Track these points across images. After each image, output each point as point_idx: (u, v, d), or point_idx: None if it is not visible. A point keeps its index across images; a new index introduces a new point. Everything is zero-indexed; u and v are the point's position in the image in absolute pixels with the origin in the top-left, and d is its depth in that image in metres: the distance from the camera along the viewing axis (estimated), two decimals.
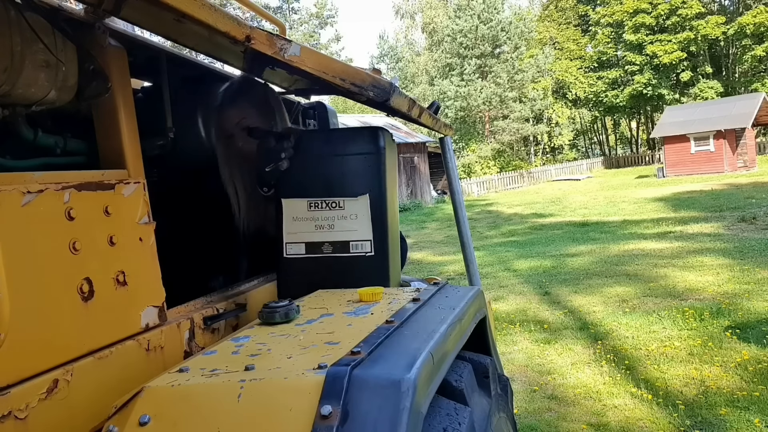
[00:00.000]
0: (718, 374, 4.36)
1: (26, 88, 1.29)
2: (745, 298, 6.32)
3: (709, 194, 17.99)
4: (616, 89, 39.51)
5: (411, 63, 47.45)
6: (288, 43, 1.57)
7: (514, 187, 32.19)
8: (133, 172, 1.51)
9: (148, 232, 1.51)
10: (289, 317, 1.46)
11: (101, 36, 1.48)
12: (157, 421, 1.04)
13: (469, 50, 38.86)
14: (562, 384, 4.52)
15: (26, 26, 1.25)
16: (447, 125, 3.03)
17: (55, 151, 1.50)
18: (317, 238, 1.88)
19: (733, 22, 35.89)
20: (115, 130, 1.50)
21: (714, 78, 38.01)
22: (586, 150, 49.25)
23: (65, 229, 1.25)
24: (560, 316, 6.44)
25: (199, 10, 1.25)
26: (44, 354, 1.18)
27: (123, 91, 1.51)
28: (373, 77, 1.72)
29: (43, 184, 1.21)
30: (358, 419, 0.98)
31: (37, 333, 1.17)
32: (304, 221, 1.89)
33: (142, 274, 1.47)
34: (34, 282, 1.17)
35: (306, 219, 1.89)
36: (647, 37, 36.88)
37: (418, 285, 2.28)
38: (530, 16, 43.64)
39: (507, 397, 1.72)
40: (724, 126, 26.18)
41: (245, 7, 2.28)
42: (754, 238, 9.88)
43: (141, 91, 2.16)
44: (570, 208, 18.89)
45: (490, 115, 39.12)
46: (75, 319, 1.25)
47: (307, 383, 1.04)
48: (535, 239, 13.09)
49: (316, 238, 1.89)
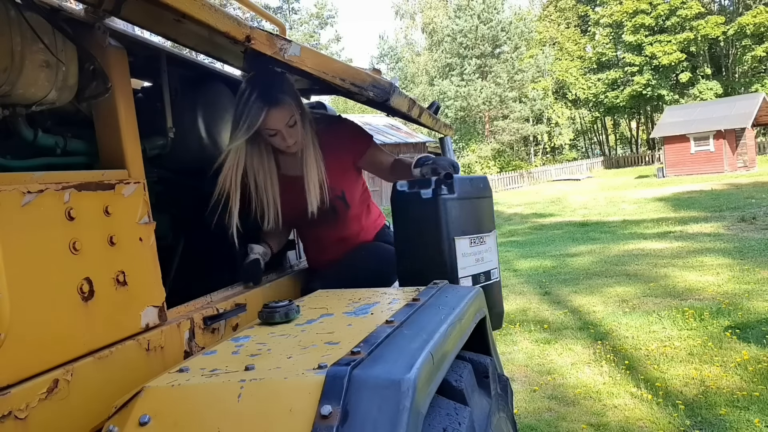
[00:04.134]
0: (718, 374, 4.36)
1: (26, 88, 1.29)
2: (745, 298, 6.32)
3: (709, 194, 18.00)
4: (615, 90, 39.51)
5: (411, 63, 47.48)
6: (288, 43, 1.57)
7: (514, 187, 32.19)
8: (133, 172, 1.51)
9: (148, 232, 1.51)
10: (289, 317, 1.46)
11: (101, 36, 1.48)
12: (157, 421, 1.04)
13: (469, 50, 38.88)
14: (562, 384, 4.52)
15: (26, 26, 1.25)
16: (447, 125, 3.03)
17: (55, 151, 1.50)
18: (476, 270, 2.12)
19: (732, 22, 35.90)
20: (115, 130, 1.50)
21: (714, 78, 38.01)
22: (586, 150, 49.27)
23: (65, 229, 1.25)
24: (560, 316, 6.44)
25: (199, 10, 1.25)
26: (44, 354, 1.18)
27: (123, 91, 1.51)
28: (373, 77, 1.72)
29: (43, 184, 1.21)
30: (358, 419, 0.98)
31: (37, 333, 1.17)
32: (468, 257, 2.09)
33: (142, 274, 1.47)
34: (34, 282, 1.17)
35: (469, 254, 2.10)
36: (647, 38, 36.88)
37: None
38: (530, 17, 43.67)
39: (507, 397, 1.73)
40: (724, 126, 26.19)
41: (245, 7, 2.28)
42: (754, 238, 9.88)
43: (141, 91, 2.16)
44: (570, 208, 18.90)
45: (490, 115, 39.14)
46: (75, 319, 1.26)
47: (307, 383, 1.04)
48: (535, 239, 13.09)
49: (476, 270, 2.12)
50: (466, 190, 2.07)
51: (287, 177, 2.18)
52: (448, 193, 2.00)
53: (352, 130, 2.30)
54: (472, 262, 2.09)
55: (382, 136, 25.70)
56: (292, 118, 2.01)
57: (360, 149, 2.28)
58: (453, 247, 2.03)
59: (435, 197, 2.00)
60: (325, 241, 2.34)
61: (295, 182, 2.15)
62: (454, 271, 2.01)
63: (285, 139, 2.04)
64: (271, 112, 1.95)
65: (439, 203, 2.00)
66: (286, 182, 2.17)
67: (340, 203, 2.23)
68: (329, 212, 2.20)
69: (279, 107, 1.96)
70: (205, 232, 2.11)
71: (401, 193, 2.07)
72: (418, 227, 2.05)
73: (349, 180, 2.27)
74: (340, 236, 2.32)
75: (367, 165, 2.32)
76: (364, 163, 2.31)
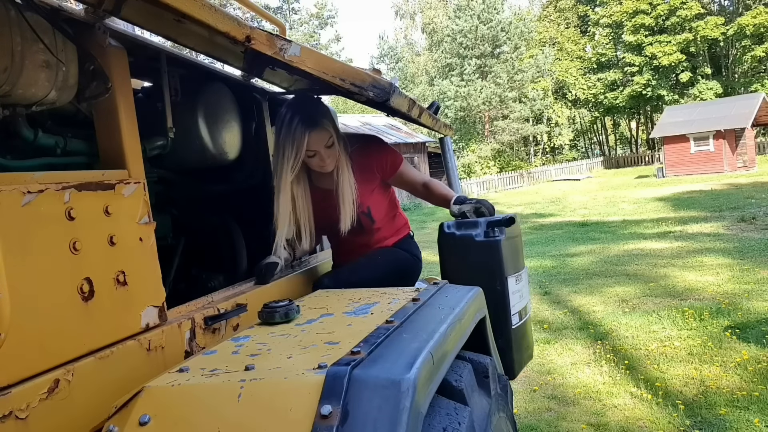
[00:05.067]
0: (717, 374, 4.37)
1: (26, 88, 1.29)
2: (745, 298, 6.32)
3: (709, 194, 18.00)
4: (615, 90, 39.51)
5: (411, 63, 47.48)
6: (288, 44, 1.57)
7: (514, 187, 32.19)
8: (134, 172, 1.51)
9: (148, 232, 1.51)
10: (289, 317, 1.46)
11: (101, 36, 1.48)
12: (157, 421, 1.05)
13: (469, 50, 38.88)
14: (561, 384, 4.52)
15: (26, 26, 1.26)
16: (447, 125, 3.04)
17: (55, 151, 1.50)
18: (520, 306, 2.20)
19: (732, 22, 35.90)
20: (115, 130, 1.50)
21: (713, 78, 37.99)
22: (586, 150, 49.26)
23: (65, 229, 1.25)
24: (560, 315, 6.44)
25: (199, 10, 1.25)
26: (45, 354, 1.18)
27: (123, 91, 1.51)
28: (373, 77, 1.72)
29: (43, 184, 1.21)
30: (358, 419, 0.99)
31: (38, 333, 1.17)
32: (515, 294, 2.17)
33: (142, 274, 1.47)
34: (34, 282, 1.17)
35: (515, 292, 2.18)
36: (647, 38, 36.87)
37: (418, 285, 2.29)
38: (530, 17, 43.66)
39: (507, 396, 1.73)
40: (724, 126, 26.18)
41: (245, 8, 2.29)
42: (753, 238, 9.88)
43: (141, 91, 2.17)
44: (570, 208, 18.90)
45: (490, 115, 39.14)
46: (75, 319, 1.26)
47: (307, 383, 1.04)
48: (535, 239, 13.09)
49: (519, 306, 2.20)
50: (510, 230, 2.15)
51: (319, 189, 2.28)
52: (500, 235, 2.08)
53: (382, 150, 2.38)
54: (517, 299, 2.17)
55: (382, 136, 25.67)
56: (330, 139, 2.12)
57: (390, 169, 2.36)
58: (505, 285, 2.12)
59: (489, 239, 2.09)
60: (347, 246, 2.41)
61: (327, 195, 2.24)
62: (507, 308, 2.10)
63: (323, 160, 2.15)
64: (312, 135, 2.07)
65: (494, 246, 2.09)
66: (318, 194, 2.27)
67: (366, 219, 2.32)
68: (355, 224, 2.28)
69: (318, 129, 2.08)
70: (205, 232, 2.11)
71: (450, 234, 2.16)
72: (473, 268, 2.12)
73: (375, 197, 2.34)
74: (362, 242, 2.39)
75: (398, 183, 2.42)
76: (394, 180, 2.41)
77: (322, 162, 2.15)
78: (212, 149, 2.14)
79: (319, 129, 2.08)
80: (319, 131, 2.08)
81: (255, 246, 2.34)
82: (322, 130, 2.09)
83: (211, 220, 2.38)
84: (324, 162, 2.15)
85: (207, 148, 2.13)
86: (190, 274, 2.29)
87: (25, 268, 1.15)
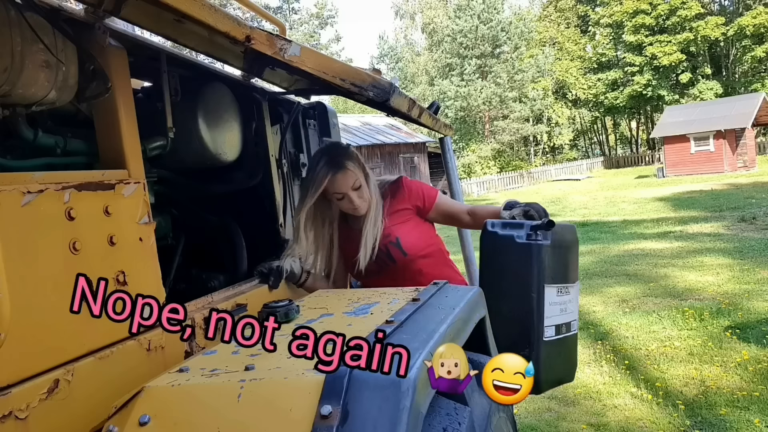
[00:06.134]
0: (718, 374, 4.36)
1: (26, 88, 1.29)
2: (745, 298, 6.32)
3: (709, 194, 18.00)
4: (615, 90, 39.50)
5: (411, 63, 47.45)
6: (288, 44, 1.57)
7: (514, 187, 32.19)
8: (134, 172, 1.51)
9: (148, 232, 1.51)
10: (289, 317, 1.46)
11: (101, 36, 1.48)
12: (157, 421, 1.05)
13: (469, 50, 38.88)
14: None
15: (26, 26, 1.26)
16: (447, 125, 3.04)
17: (55, 151, 1.50)
18: (560, 320, 2.09)
19: (732, 22, 35.90)
20: (115, 130, 1.50)
21: (714, 78, 37.99)
22: (586, 150, 49.25)
23: (65, 229, 1.25)
24: None
25: (200, 10, 1.25)
26: (45, 354, 1.18)
27: (123, 91, 1.51)
28: (373, 77, 1.72)
29: (43, 184, 1.21)
30: (358, 419, 0.99)
31: (38, 333, 1.17)
32: (554, 306, 2.05)
33: (142, 274, 1.47)
34: (34, 282, 1.17)
35: (555, 304, 2.07)
36: (647, 38, 36.87)
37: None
38: (530, 17, 43.66)
39: None
40: (724, 126, 26.18)
41: (245, 7, 2.28)
42: (754, 238, 9.88)
43: (141, 91, 2.16)
44: (570, 208, 18.89)
45: (490, 115, 39.15)
46: (75, 318, 1.25)
47: (307, 383, 1.04)
48: None
49: (559, 321, 2.09)
50: (559, 237, 2.04)
51: (353, 230, 2.30)
52: (543, 239, 1.97)
53: (414, 185, 2.37)
54: (557, 312, 2.06)
55: (382, 136, 25.71)
56: (356, 181, 2.17)
57: (426, 202, 2.33)
58: (542, 294, 2.00)
59: (530, 242, 1.97)
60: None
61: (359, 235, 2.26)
62: (541, 319, 1.99)
63: (352, 202, 2.19)
64: (336, 177, 2.13)
65: (535, 249, 1.96)
66: (351, 234, 2.30)
67: (395, 249, 2.27)
68: (386, 259, 2.27)
69: (343, 171, 2.14)
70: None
71: (492, 233, 2.04)
72: (508, 270, 2.02)
73: (405, 228, 2.29)
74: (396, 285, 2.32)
75: (440, 217, 2.39)
76: (435, 215, 2.37)
77: (352, 205, 2.19)
78: (212, 149, 2.14)
79: (343, 171, 2.14)
80: (344, 173, 2.14)
81: (255, 246, 2.34)
82: (346, 171, 2.15)
83: (211, 220, 2.38)
84: (354, 204, 2.19)
85: (207, 148, 2.13)
86: (190, 274, 2.29)
87: (25, 268, 1.15)
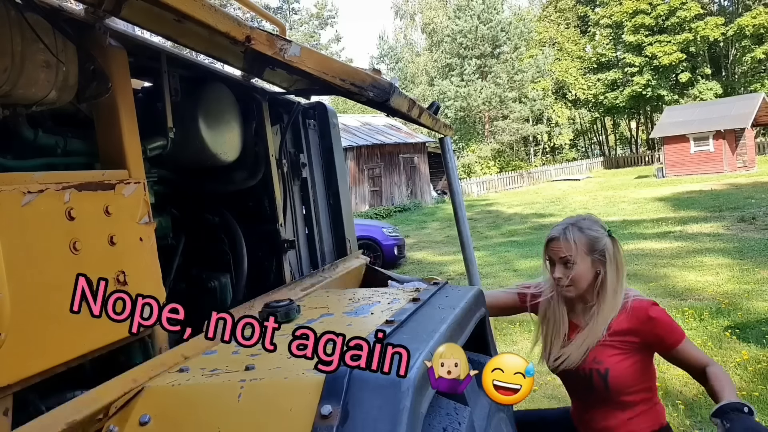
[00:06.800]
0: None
1: (27, 89, 1.29)
2: (745, 298, 6.32)
3: (709, 194, 18.00)
4: (615, 90, 39.50)
5: (411, 63, 47.44)
6: (288, 44, 1.57)
7: (514, 187, 32.19)
8: (134, 172, 1.51)
9: (148, 232, 1.51)
10: (289, 317, 1.46)
11: (102, 36, 1.48)
12: (157, 421, 1.05)
13: (469, 50, 38.87)
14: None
15: (27, 26, 1.26)
16: (447, 125, 3.04)
17: (55, 151, 1.50)
18: None
19: (732, 23, 35.90)
20: (115, 130, 1.50)
21: (713, 79, 37.99)
22: (586, 150, 49.24)
23: (65, 229, 1.25)
24: None
25: (200, 10, 1.25)
26: (45, 354, 1.18)
27: (123, 91, 1.51)
28: (372, 77, 1.72)
29: (43, 184, 1.21)
30: (358, 419, 0.99)
31: (38, 333, 1.17)
32: None
33: (142, 274, 1.47)
34: (34, 282, 1.17)
35: None
36: (647, 38, 36.86)
37: (418, 285, 2.28)
38: (530, 17, 43.65)
39: None
40: (724, 126, 26.18)
41: (245, 8, 2.28)
42: (753, 238, 9.88)
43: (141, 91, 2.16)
44: (570, 208, 18.89)
45: (490, 116, 39.14)
46: (75, 318, 1.25)
47: (307, 383, 1.04)
48: (536, 239, 13.08)
49: None
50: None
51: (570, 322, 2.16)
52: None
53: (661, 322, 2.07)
54: None
55: (382, 136, 25.70)
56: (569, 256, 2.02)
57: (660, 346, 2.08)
58: None
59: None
60: (577, 410, 2.24)
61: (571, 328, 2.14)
62: None
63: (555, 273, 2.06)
64: (555, 240, 2.05)
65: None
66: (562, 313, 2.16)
67: (598, 379, 2.06)
68: (585, 381, 2.10)
69: (563, 239, 2.04)
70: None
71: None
72: None
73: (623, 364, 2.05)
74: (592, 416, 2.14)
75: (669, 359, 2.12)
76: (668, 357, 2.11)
77: (557, 274, 2.05)
78: (212, 149, 2.14)
79: (564, 240, 2.03)
80: (564, 242, 2.03)
81: (255, 246, 2.34)
82: (566, 241, 2.03)
83: (212, 220, 2.38)
84: (557, 276, 2.05)
85: (207, 148, 2.13)
86: (190, 274, 2.29)
87: (25, 268, 1.15)
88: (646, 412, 2.09)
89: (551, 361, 2.15)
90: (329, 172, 2.91)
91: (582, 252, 2.04)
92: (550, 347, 2.15)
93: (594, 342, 2.04)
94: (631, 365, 2.05)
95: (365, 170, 24.15)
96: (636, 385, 2.07)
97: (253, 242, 2.34)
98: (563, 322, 2.14)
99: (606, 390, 2.04)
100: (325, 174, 2.91)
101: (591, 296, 2.09)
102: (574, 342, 2.08)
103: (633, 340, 2.04)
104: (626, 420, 2.06)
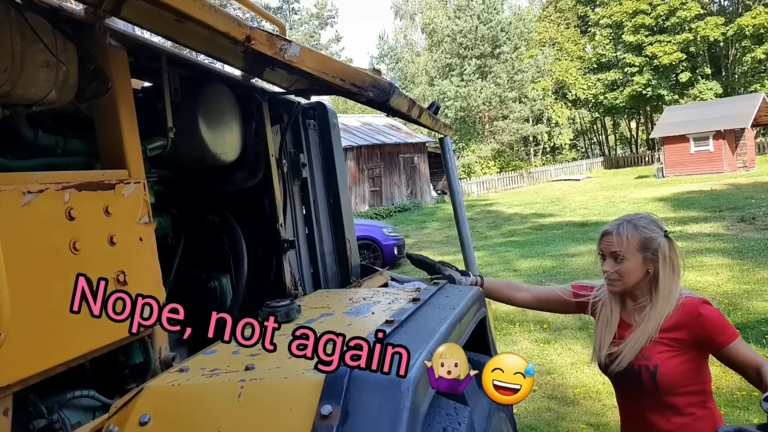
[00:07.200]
0: (717, 374, 4.36)
1: (27, 89, 1.29)
2: (745, 298, 6.33)
3: (709, 194, 18.00)
4: (615, 90, 39.51)
5: (411, 63, 47.44)
6: (288, 44, 1.58)
7: (514, 187, 32.19)
8: (134, 172, 1.51)
9: (148, 231, 1.51)
10: (289, 317, 1.46)
11: (102, 36, 1.48)
12: (157, 421, 1.05)
13: (468, 50, 38.88)
14: (561, 384, 4.52)
15: (27, 26, 1.26)
16: (447, 125, 3.04)
17: (55, 151, 1.50)
18: None
19: (732, 23, 35.90)
20: (115, 130, 1.50)
21: (713, 79, 37.98)
22: (586, 150, 49.24)
23: (65, 229, 1.25)
24: (560, 315, 6.44)
25: (200, 10, 1.26)
26: (45, 354, 1.18)
27: (123, 91, 1.51)
28: (372, 77, 1.72)
29: (43, 184, 1.21)
30: (358, 419, 0.99)
31: (38, 333, 1.17)
32: None
33: (142, 274, 1.47)
34: (34, 282, 1.17)
35: None
36: (647, 38, 36.87)
37: (418, 285, 2.29)
38: (530, 17, 43.66)
39: None
40: (724, 126, 26.18)
41: (245, 8, 2.28)
42: (753, 238, 9.88)
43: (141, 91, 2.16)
44: (570, 208, 18.89)
45: (490, 116, 39.14)
46: (75, 318, 1.25)
47: (307, 383, 1.04)
48: (536, 239, 13.09)
49: None
50: None
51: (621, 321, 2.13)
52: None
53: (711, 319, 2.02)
54: None
55: (382, 136, 25.70)
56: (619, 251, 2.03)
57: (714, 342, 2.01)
58: None
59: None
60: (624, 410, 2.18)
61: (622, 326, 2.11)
62: None
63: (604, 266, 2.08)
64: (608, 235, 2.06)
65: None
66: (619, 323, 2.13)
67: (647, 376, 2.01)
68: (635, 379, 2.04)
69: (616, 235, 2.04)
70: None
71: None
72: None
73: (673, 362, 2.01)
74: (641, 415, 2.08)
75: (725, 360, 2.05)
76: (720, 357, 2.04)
77: (605, 267, 2.08)
78: (212, 149, 2.14)
79: (616, 234, 2.05)
80: (616, 237, 2.04)
81: (255, 246, 2.34)
82: (618, 236, 2.04)
83: (212, 220, 2.38)
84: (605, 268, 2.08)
85: (207, 148, 2.13)
86: (190, 274, 2.29)
87: (25, 268, 1.15)
88: (701, 418, 2.01)
89: (603, 359, 2.11)
90: (329, 172, 2.91)
91: (633, 248, 2.04)
92: (600, 345, 2.13)
93: (646, 340, 2.01)
94: (680, 363, 2.00)
95: (365, 170, 24.15)
96: (687, 386, 2.01)
97: (253, 242, 2.34)
98: (614, 320, 2.13)
99: (655, 388, 1.99)
100: (325, 174, 2.91)
101: (642, 294, 2.08)
102: (627, 341, 2.05)
103: (682, 337, 2.00)
104: (678, 426, 1.99)
